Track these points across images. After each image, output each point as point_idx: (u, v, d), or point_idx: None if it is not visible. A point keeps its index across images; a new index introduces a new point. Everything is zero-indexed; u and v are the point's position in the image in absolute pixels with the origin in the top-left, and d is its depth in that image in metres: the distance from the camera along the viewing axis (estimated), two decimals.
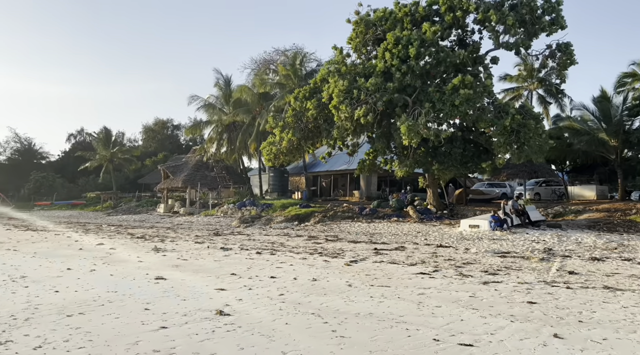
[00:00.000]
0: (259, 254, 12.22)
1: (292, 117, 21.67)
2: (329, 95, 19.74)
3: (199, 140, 58.25)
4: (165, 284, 8.16)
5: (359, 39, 20.85)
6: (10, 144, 68.34)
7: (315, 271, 9.38)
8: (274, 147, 22.74)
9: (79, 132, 71.76)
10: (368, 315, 5.92)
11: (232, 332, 5.21)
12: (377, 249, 13.01)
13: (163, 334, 5.10)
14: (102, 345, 4.71)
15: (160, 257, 12.03)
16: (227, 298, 6.94)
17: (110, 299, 6.86)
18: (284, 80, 32.50)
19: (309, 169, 36.27)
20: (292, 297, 6.97)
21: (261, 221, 24.01)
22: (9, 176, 61.52)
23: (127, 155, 57.79)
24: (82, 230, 23.14)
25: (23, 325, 5.40)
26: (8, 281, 8.32)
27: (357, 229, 19.10)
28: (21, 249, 14.17)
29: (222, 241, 16.15)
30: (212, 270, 9.62)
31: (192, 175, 39.45)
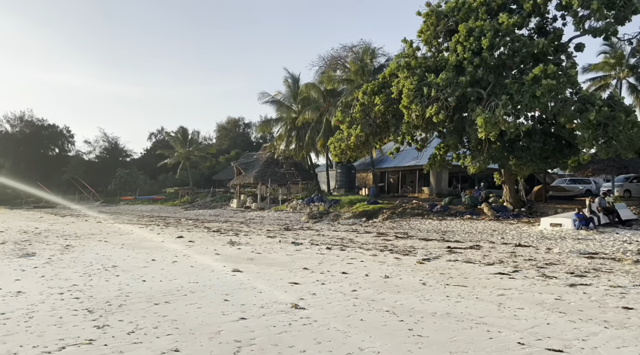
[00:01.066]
0: (329, 250, 12.31)
1: (360, 112, 21.56)
2: (398, 91, 19.41)
3: (268, 138, 59.79)
4: (241, 276, 8.45)
5: (430, 31, 20.28)
6: (99, 142, 74.20)
7: (387, 268, 9.27)
8: (342, 142, 22.77)
9: (159, 131, 76.35)
10: (445, 315, 5.74)
11: (308, 325, 5.27)
12: (450, 247, 12.62)
13: (243, 325, 5.27)
14: (188, 333, 4.95)
15: (236, 250, 12.48)
16: (301, 292, 7.05)
17: (192, 290, 7.21)
18: (352, 76, 32.42)
19: (376, 165, 35.96)
20: (365, 294, 6.93)
21: (329, 217, 24.18)
22: (97, 173, 66.82)
23: (202, 153, 60.65)
24: (163, 223, 24.60)
25: (117, 311, 5.82)
26: (102, 270, 9.02)
27: (428, 227, 18.65)
28: (111, 240, 15.32)
29: (292, 236, 16.46)
30: (285, 264, 9.82)
31: (263, 171, 40.59)
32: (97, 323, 5.26)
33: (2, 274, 8.52)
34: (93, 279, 8.02)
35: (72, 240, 14.98)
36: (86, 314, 5.68)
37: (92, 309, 5.93)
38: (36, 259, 10.59)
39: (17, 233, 17.94)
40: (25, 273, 8.61)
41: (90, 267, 9.39)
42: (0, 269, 9.01)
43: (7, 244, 13.72)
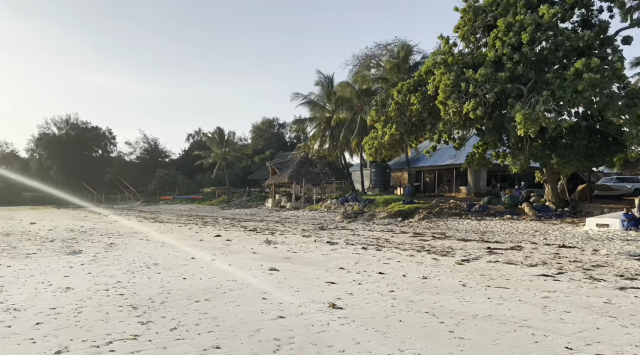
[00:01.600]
0: (364, 249, 12.24)
1: (395, 111, 21.36)
2: (434, 88, 19.10)
3: (302, 138, 60.15)
4: (278, 275, 8.51)
5: (467, 27, 19.85)
6: (139, 144, 76.63)
7: (425, 269, 9.13)
8: (376, 141, 22.63)
9: (196, 133, 78.04)
10: (487, 317, 5.59)
11: (347, 325, 5.25)
12: (490, 248, 12.31)
13: (281, 323, 5.30)
14: (228, 330, 5.03)
15: (272, 249, 12.59)
16: (338, 292, 7.03)
17: (231, 288, 7.32)
18: (387, 75, 32.14)
19: (411, 164, 35.52)
20: (403, 294, 6.84)
21: (364, 217, 24.06)
22: (138, 173, 69.01)
23: (238, 153, 61.68)
24: (201, 222, 25.14)
25: (159, 308, 5.97)
26: (144, 268, 9.30)
27: (466, 227, 18.25)
28: (151, 238, 15.78)
29: (327, 235, 16.46)
30: (321, 264, 9.83)
31: (297, 171, 40.86)
32: (141, 319, 5.42)
33: (52, 270, 8.91)
34: (136, 276, 8.28)
35: (115, 239, 15.51)
36: (130, 310, 5.86)
37: (136, 305, 6.11)
38: (83, 256, 11.03)
39: (64, 231, 18.74)
40: (73, 270, 8.97)
41: (133, 264, 9.69)
42: (50, 266, 9.44)
43: (55, 242, 14.35)
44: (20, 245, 13.33)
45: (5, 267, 9.21)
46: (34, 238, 15.70)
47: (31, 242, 14.24)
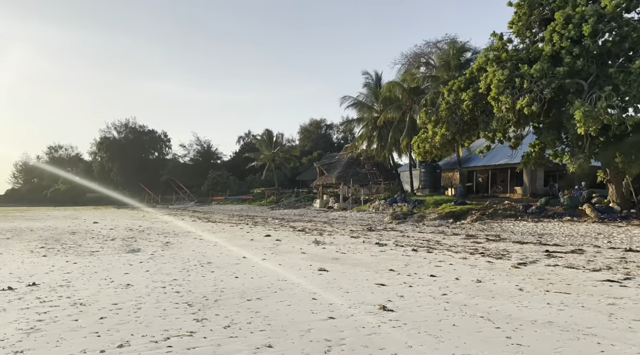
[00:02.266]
0: (415, 251, 12.03)
1: (446, 110, 20.86)
2: (486, 85, 18.49)
3: (350, 138, 60.06)
4: (328, 275, 8.52)
5: (522, 21, 19.09)
6: (193, 146, 79.36)
7: (479, 272, 8.84)
8: (426, 142, 22.20)
9: (246, 135, 79.84)
10: (547, 323, 5.33)
11: (398, 328, 5.17)
12: (548, 251, 11.75)
13: (332, 324, 5.30)
14: (279, 329, 5.08)
15: (321, 249, 12.64)
16: (388, 294, 6.94)
17: (281, 287, 7.40)
18: (437, 73, 31.47)
19: (463, 164, 34.56)
20: (457, 298, 6.66)
21: (413, 218, 23.67)
22: (192, 174, 71.47)
23: (286, 155, 62.48)
24: (251, 222, 25.65)
25: (213, 306, 6.13)
26: (198, 266, 9.59)
27: (522, 229, 17.53)
28: (205, 238, 16.27)
29: (376, 236, 16.32)
30: (370, 265, 9.75)
31: (345, 172, 40.83)
32: (196, 316, 5.58)
33: (113, 267, 9.38)
34: (191, 275, 8.55)
35: (171, 238, 16.12)
36: (186, 307, 6.05)
37: (191, 302, 6.30)
38: (141, 254, 11.53)
39: (124, 230, 19.69)
40: (132, 267, 9.40)
41: (188, 263, 10.02)
42: (112, 263, 9.94)
43: (116, 241, 15.11)
44: (85, 243, 14.14)
45: (72, 264, 9.79)
46: (97, 237, 16.60)
47: (94, 241, 15.07)
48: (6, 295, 6.68)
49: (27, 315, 5.59)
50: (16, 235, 16.85)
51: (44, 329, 5.01)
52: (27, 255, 11.28)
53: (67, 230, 19.40)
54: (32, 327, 5.07)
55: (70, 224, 23.76)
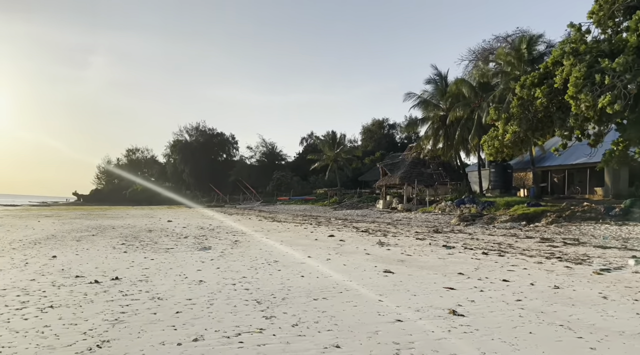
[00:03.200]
0: (485, 255, 11.56)
1: (518, 107, 19.85)
2: (562, 81, 17.39)
3: (414, 138, 58.95)
4: (393, 277, 8.40)
5: (604, 11, 17.75)
6: (259, 148, 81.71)
7: (556, 278, 8.32)
8: (497, 141, 21.27)
9: (309, 136, 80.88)
10: (637, 335, 4.91)
11: (470, 334, 4.98)
12: (636, 256, 10.82)
13: (399, 327, 5.21)
14: (346, 330, 5.08)
15: (385, 251, 12.49)
16: (458, 298, 6.71)
17: (347, 288, 7.40)
18: (507, 68, 30.06)
19: (537, 163, 32.74)
20: (532, 305, 6.31)
21: (482, 220, 22.77)
22: (257, 175, 73.58)
23: (348, 155, 62.52)
24: (315, 222, 25.92)
25: (281, 304, 6.25)
26: (265, 264, 9.83)
27: (604, 233, 16.30)
28: (271, 237, 16.64)
29: (443, 239, 15.88)
30: (438, 268, 9.49)
31: (409, 172, 40.10)
32: (265, 314, 5.72)
33: (187, 264, 9.85)
34: (259, 273, 8.78)
35: (239, 237, 16.66)
36: (255, 304, 6.21)
37: (260, 300, 6.46)
38: (212, 252, 12.02)
39: (195, 229, 20.63)
40: (204, 264, 9.81)
41: (256, 261, 10.30)
42: (185, 260, 10.44)
43: (189, 239, 15.86)
44: (161, 241, 14.97)
45: (150, 260, 10.40)
46: (171, 234, 17.51)
47: (169, 238, 15.91)
48: (93, 288, 7.21)
49: (112, 307, 6.00)
50: (100, 233, 18.18)
51: (127, 321, 5.35)
52: (110, 251, 12.14)
53: (144, 228, 20.64)
54: (116, 319, 5.44)
55: (146, 223, 25.27)
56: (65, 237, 15.93)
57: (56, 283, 7.59)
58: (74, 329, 5.01)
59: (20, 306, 6.01)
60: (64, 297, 6.54)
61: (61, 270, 8.92)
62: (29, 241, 14.47)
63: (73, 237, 15.93)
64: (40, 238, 15.61)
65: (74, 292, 6.92)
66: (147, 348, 4.43)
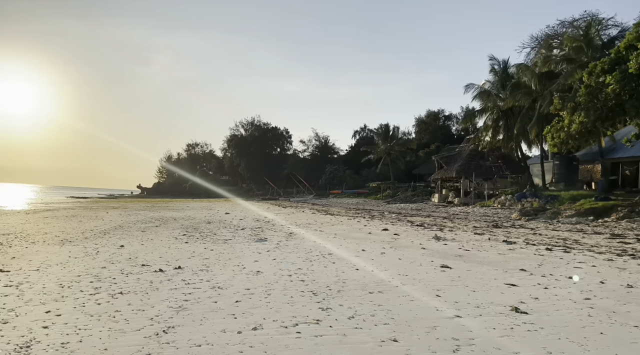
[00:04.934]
0: (549, 251, 11.01)
1: (586, 95, 18.69)
2: (638, 65, 16.16)
3: (471, 130, 57.07)
4: (451, 273, 8.20)
5: None
6: (312, 142, 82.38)
7: (629, 276, 7.79)
8: (562, 132, 20.17)
9: (362, 129, 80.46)
10: None
11: (534, 332, 4.77)
12: None
13: (459, 323, 5.08)
14: (404, 324, 5.02)
15: (442, 245, 12.21)
16: (520, 295, 6.45)
17: (403, 282, 7.30)
18: (574, 54, 28.31)
19: (606, 155, 30.70)
20: (602, 304, 5.94)
21: (546, 214, 21.70)
22: (310, 169, 74.23)
23: (402, 148, 61.59)
24: (368, 216, 25.79)
25: (337, 296, 6.28)
26: (320, 257, 9.90)
27: None
28: (324, 230, 16.74)
29: (503, 234, 15.29)
30: (498, 264, 9.16)
31: (466, 165, 38.95)
32: (321, 305, 5.76)
33: (244, 255, 10.12)
34: (314, 264, 8.86)
35: (294, 229, 16.89)
36: (311, 296, 6.28)
37: (316, 291, 6.52)
38: (268, 243, 12.27)
39: (251, 221, 21.15)
40: (260, 255, 10.04)
41: (310, 253, 10.40)
42: (243, 251, 10.74)
43: (245, 230, 16.28)
44: (219, 232, 15.47)
45: (209, 251, 10.78)
46: (229, 226, 18.06)
47: (227, 230, 16.42)
48: (158, 276, 7.58)
49: (175, 295, 6.28)
50: (162, 224, 19.07)
51: (190, 308, 5.58)
52: (172, 241, 12.70)
53: (204, 220, 21.42)
54: (180, 306, 5.68)
55: (205, 215, 26.21)
56: (131, 228, 16.84)
57: (124, 271, 8.05)
58: (142, 315, 5.29)
59: (94, 292, 6.43)
60: (132, 284, 6.92)
61: (128, 258, 9.45)
62: (99, 231, 15.43)
63: (138, 228, 16.81)
64: (109, 228, 16.60)
65: (140, 280, 7.30)
66: (209, 335, 4.59)
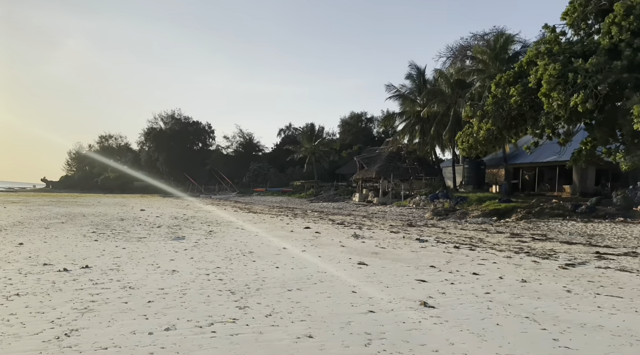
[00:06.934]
0: (456, 249, 11.80)
1: (493, 104, 20.21)
2: (536, 80, 17.77)
3: (390, 132, 59.40)
4: (367, 269, 8.51)
5: (577, 13, 18.19)
6: (236, 138, 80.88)
7: (524, 272, 8.58)
8: (471, 137, 21.62)
9: (287, 127, 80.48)
10: (597, 327, 5.12)
11: (440, 325, 5.10)
12: (599, 252, 11.24)
13: (372, 318, 5.29)
14: (320, 320, 5.13)
15: (360, 243, 12.62)
16: (429, 290, 6.86)
17: (321, 279, 7.45)
18: (483, 66, 30.53)
19: (509, 161, 33.50)
20: (500, 297, 6.49)
21: (455, 214, 23.21)
22: (234, 166, 72.92)
23: (326, 148, 62.58)
24: (291, 214, 25.92)
25: (255, 295, 6.26)
26: (240, 255, 9.80)
27: (571, 229, 16.84)
28: (246, 228, 16.58)
29: (416, 232, 16.12)
30: (411, 261, 9.66)
31: (385, 166, 40.47)
32: (238, 304, 5.72)
33: (160, 254, 9.74)
34: (233, 263, 8.75)
35: (214, 227, 16.53)
36: (229, 294, 6.21)
37: (234, 290, 6.45)
38: (185, 242, 11.90)
39: (169, 218, 20.37)
40: (177, 254, 9.72)
41: (230, 252, 10.26)
42: (158, 250, 10.32)
43: (162, 228, 15.65)
44: (133, 230, 14.73)
45: (121, 249, 10.24)
46: (144, 224, 17.25)
47: (142, 227, 15.67)
48: (62, 276, 7.06)
49: (81, 296, 5.90)
50: (70, 220, 17.76)
51: (97, 310, 5.27)
52: (80, 239, 11.89)
53: (116, 217, 20.27)
54: (85, 307, 5.35)
55: (119, 211, 24.80)
56: (32, 224, 15.51)
57: (23, 271, 7.41)
58: (41, 318, 4.92)
59: None
60: (31, 285, 6.39)
61: (28, 257, 8.71)
62: None
63: (41, 225, 15.52)
64: (6, 224, 15.16)
65: (41, 280, 6.76)
66: (118, 337, 4.38)
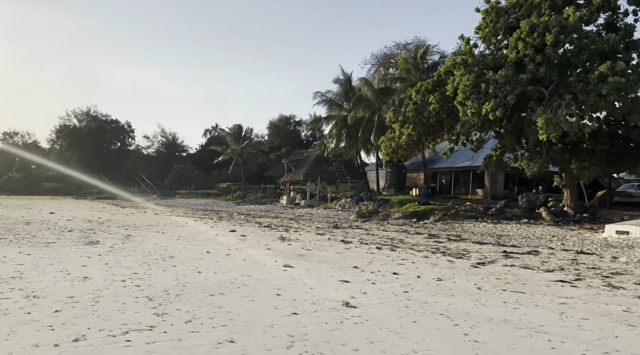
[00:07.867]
0: (378, 249, 12.20)
1: (413, 111, 21.19)
2: (453, 89, 18.91)
3: (318, 136, 60.19)
4: (292, 271, 8.54)
5: (489, 28, 19.60)
6: (157, 138, 77.58)
7: (440, 271, 9.06)
8: (393, 142, 22.49)
9: (213, 128, 78.64)
10: (502, 321, 5.53)
11: (360, 324, 5.24)
12: (506, 251, 12.16)
13: (295, 320, 5.32)
14: (242, 325, 5.06)
15: (286, 246, 12.63)
16: (352, 290, 7.02)
17: (245, 283, 7.36)
18: (405, 74, 31.93)
19: (428, 165, 35.28)
20: (418, 296, 6.81)
21: (378, 216, 23.96)
22: (155, 167, 69.82)
23: (254, 150, 61.89)
24: (216, 217, 25.32)
25: (175, 301, 6.04)
26: (160, 260, 9.40)
27: (482, 230, 18.06)
28: (167, 232, 15.94)
29: (341, 234, 16.45)
30: (335, 262, 9.83)
31: (313, 169, 40.88)
32: (156, 311, 5.48)
33: (70, 260, 9.08)
34: (152, 268, 8.38)
35: (132, 231, 15.72)
36: (147, 301, 5.93)
37: (152, 297, 6.18)
38: (100, 247, 11.21)
39: (82, 222, 19.06)
40: (90, 260, 9.12)
41: (149, 257, 9.81)
42: (69, 255, 9.62)
43: (74, 232, 14.61)
44: (40, 234, 13.61)
45: (26, 255, 9.42)
46: (53, 227, 16.00)
47: (50, 232, 14.52)
48: None
49: None
50: None
51: None
52: None
53: (21, 220, 18.61)
54: None
55: (24, 214, 22.79)
56: None
57: None
58: None
59: None
60: None
61: None
62: None
63: None
64: None
65: None
66: (17, 351, 4.02)
